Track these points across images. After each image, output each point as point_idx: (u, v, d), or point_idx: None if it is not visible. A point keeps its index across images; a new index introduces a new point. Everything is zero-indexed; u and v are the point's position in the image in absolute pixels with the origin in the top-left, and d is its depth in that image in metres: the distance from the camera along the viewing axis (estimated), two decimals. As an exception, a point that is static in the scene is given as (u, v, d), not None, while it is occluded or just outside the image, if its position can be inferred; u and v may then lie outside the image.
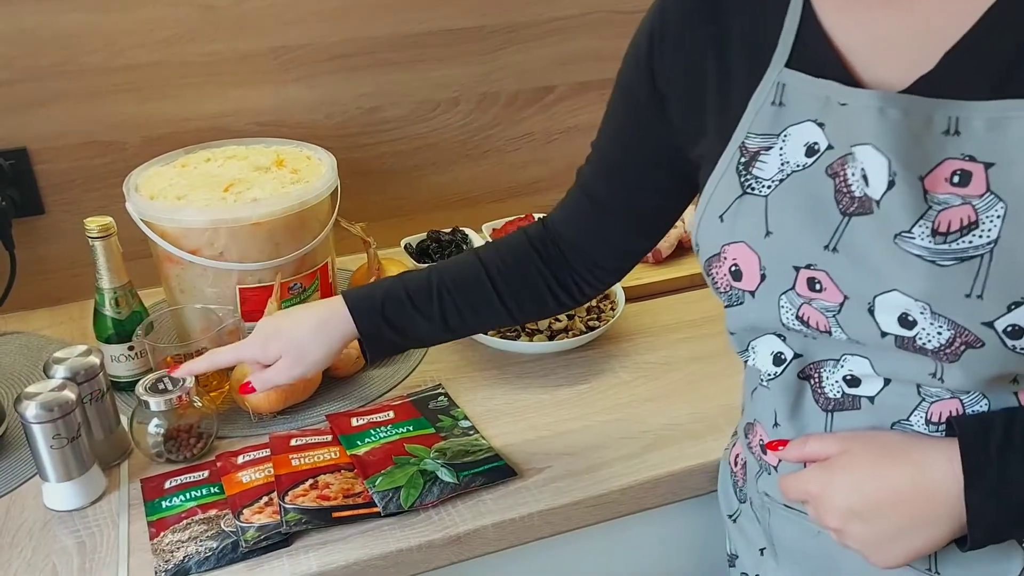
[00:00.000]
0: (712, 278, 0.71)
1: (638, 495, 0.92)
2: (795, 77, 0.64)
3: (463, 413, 1.01)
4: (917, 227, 0.58)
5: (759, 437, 0.76)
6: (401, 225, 1.41)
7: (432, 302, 0.85)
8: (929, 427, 0.64)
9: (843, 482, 0.64)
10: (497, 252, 0.87)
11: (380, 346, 0.87)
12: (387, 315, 0.85)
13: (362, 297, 0.86)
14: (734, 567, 0.88)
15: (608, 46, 1.42)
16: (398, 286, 0.86)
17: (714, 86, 0.69)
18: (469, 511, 0.87)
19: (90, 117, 1.20)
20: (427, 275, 0.87)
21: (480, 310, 0.86)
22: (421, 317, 0.85)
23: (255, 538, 0.82)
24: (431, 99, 1.36)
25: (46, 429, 0.84)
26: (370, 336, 0.86)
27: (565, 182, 1.48)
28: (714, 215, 0.69)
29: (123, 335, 1.03)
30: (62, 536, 0.86)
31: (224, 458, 0.94)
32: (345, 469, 0.92)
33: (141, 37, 1.18)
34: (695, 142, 0.72)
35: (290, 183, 1.08)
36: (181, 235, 1.02)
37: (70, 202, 1.23)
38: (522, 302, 0.87)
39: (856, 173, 0.60)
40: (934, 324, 0.58)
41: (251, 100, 1.27)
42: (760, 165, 0.65)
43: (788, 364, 0.69)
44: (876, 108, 0.58)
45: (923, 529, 0.62)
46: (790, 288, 0.65)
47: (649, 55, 0.73)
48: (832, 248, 0.62)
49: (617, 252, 0.86)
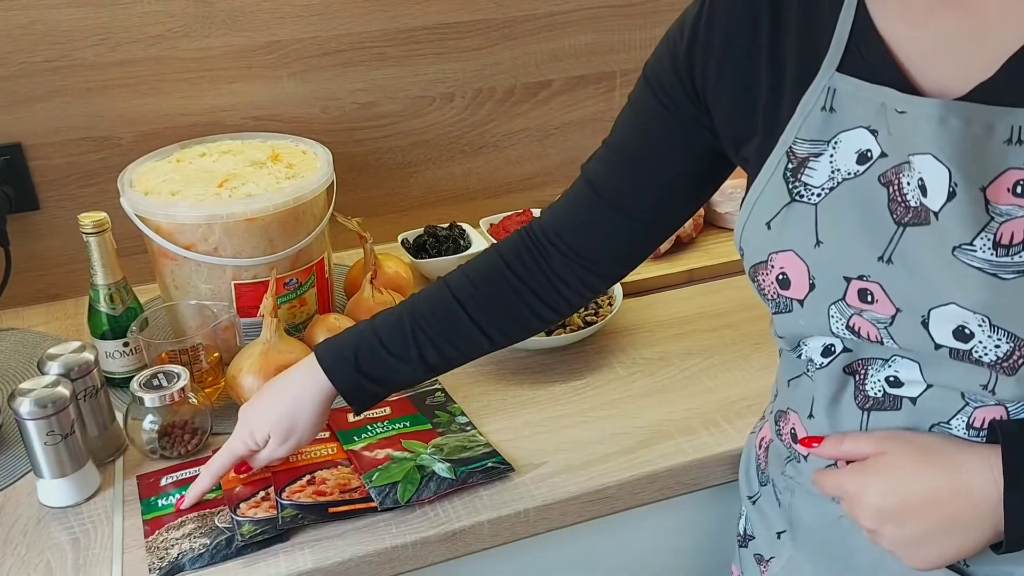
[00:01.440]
0: (759, 284, 0.70)
1: (634, 491, 0.92)
2: (847, 82, 0.62)
3: (460, 409, 1.01)
4: (979, 239, 0.56)
5: (791, 426, 0.76)
6: (398, 220, 1.41)
7: (407, 343, 0.81)
8: (970, 432, 0.63)
9: (879, 483, 0.64)
10: (466, 276, 0.82)
11: (363, 399, 0.84)
12: (362, 368, 0.81)
13: (334, 353, 0.82)
14: (746, 547, 0.88)
15: (604, 41, 1.42)
16: (368, 333, 0.82)
17: (764, 88, 0.67)
18: (464, 507, 0.87)
19: (85, 112, 1.20)
20: (398, 314, 0.83)
21: (458, 343, 0.82)
22: (398, 361, 0.81)
23: (251, 532, 0.82)
24: (426, 94, 1.36)
25: (40, 425, 0.84)
26: (350, 393, 0.82)
27: (562, 177, 1.50)
28: (760, 221, 0.67)
29: (118, 331, 1.03)
30: (56, 532, 0.85)
31: None
32: (342, 464, 0.92)
33: (136, 32, 1.18)
34: (742, 143, 0.70)
35: (285, 178, 1.08)
36: (176, 231, 1.02)
37: (65, 198, 1.23)
38: (501, 325, 0.82)
39: (912, 182, 0.59)
40: (992, 337, 0.57)
41: (246, 95, 1.26)
42: (809, 172, 0.64)
43: (836, 356, 0.68)
44: (937, 117, 0.57)
45: (958, 533, 0.61)
46: (840, 299, 0.64)
47: (690, 51, 0.70)
48: (887, 259, 0.61)
49: (618, 252, 0.81)
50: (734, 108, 0.69)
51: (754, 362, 1.09)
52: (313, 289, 1.12)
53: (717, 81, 0.70)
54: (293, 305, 1.10)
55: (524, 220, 1.37)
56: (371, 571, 0.83)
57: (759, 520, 0.86)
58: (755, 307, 1.21)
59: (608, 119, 1.47)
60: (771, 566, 0.83)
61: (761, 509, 0.85)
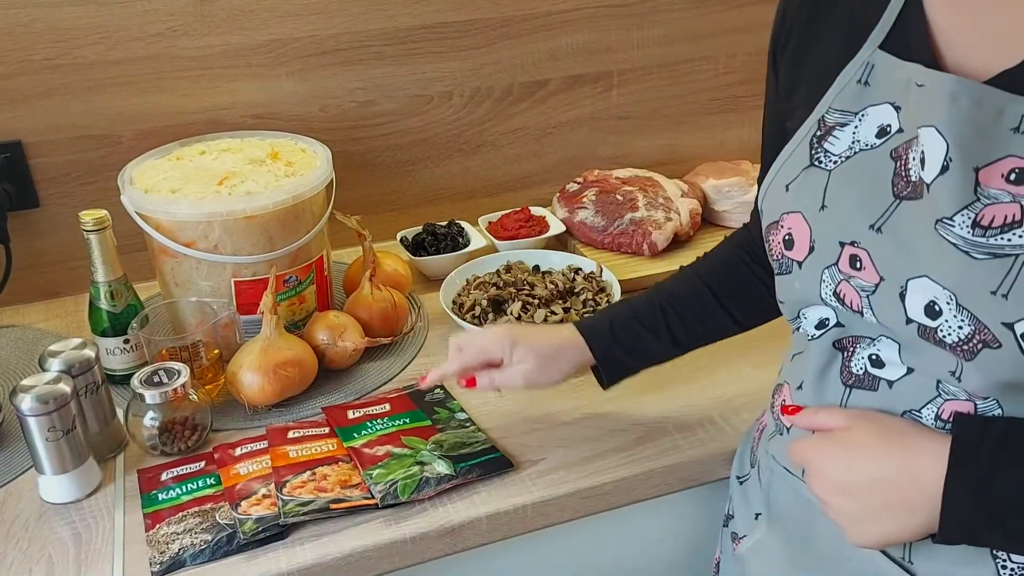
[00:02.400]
0: (769, 244, 0.73)
1: (631, 487, 0.93)
2: (885, 59, 0.64)
3: (459, 405, 1.02)
4: (959, 215, 0.58)
5: (783, 397, 0.78)
6: (396, 218, 1.42)
7: (657, 318, 0.90)
8: (937, 423, 0.64)
9: (838, 455, 0.66)
10: (708, 261, 0.93)
11: (612, 368, 0.92)
12: (617, 336, 0.90)
13: (592, 325, 0.92)
14: (727, 527, 0.90)
15: (601, 40, 1.43)
16: (624, 308, 0.93)
17: (815, 62, 0.71)
18: (463, 503, 0.88)
19: (85, 110, 1.20)
20: (649, 295, 0.92)
21: (704, 319, 0.90)
22: (649, 334, 0.90)
23: (253, 530, 0.83)
24: (424, 93, 1.36)
25: (41, 422, 0.85)
26: (603, 359, 0.91)
27: (559, 176, 1.51)
28: (781, 183, 0.71)
29: (118, 328, 1.03)
30: (58, 528, 0.86)
31: (222, 450, 0.94)
32: (343, 461, 0.92)
33: (135, 31, 1.18)
34: (790, 115, 0.73)
35: (284, 176, 1.08)
36: (176, 228, 1.02)
37: (65, 195, 1.23)
38: (742, 304, 0.90)
39: (916, 156, 0.61)
40: (957, 317, 0.59)
41: (245, 93, 1.27)
42: (832, 140, 0.67)
43: (829, 330, 0.70)
44: (949, 92, 0.58)
45: (900, 515, 0.62)
46: (833, 263, 0.66)
47: (782, 15, 0.75)
48: (877, 228, 0.63)
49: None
50: (790, 77, 0.73)
51: (752, 359, 1.09)
52: (312, 286, 1.13)
53: (784, 48, 0.74)
54: (292, 302, 1.11)
55: (522, 218, 1.38)
56: (370, 566, 0.84)
57: (741, 501, 0.88)
58: (751, 305, 1.22)
59: (605, 117, 1.50)
60: (742, 544, 0.85)
61: (745, 490, 0.88)
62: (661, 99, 1.52)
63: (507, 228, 1.36)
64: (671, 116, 1.54)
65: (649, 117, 1.53)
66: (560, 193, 1.43)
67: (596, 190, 1.38)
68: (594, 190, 1.38)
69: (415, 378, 1.08)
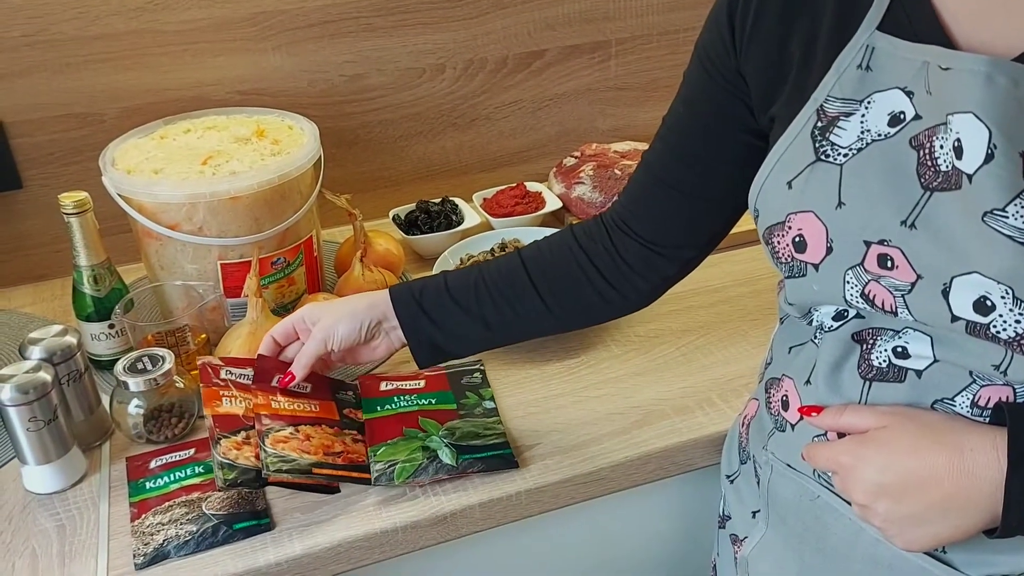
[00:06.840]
0: (772, 247, 0.68)
1: (628, 471, 0.91)
2: (887, 41, 0.60)
3: (491, 393, 0.99)
4: (1012, 205, 0.54)
5: (783, 392, 0.75)
6: (388, 196, 1.39)
7: (469, 293, 0.84)
8: (974, 410, 0.62)
9: (877, 457, 0.62)
10: (537, 247, 0.86)
11: (420, 340, 0.86)
12: (424, 305, 0.85)
13: (403, 287, 0.87)
14: (724, 528, 0.88)
15: (598, 8, 1.38)
16: (439, 278, 0.87)
17: (798, 43, 0.66)
18: (456, 490, 0.86)
19: (66, 88, 1.17)
20: (468, 270, 0.87)
21: (517, 305, 0.84)
22: (458, 309, 0.84)
23: (231, 480, 0.80)
24: (416, 66, 1.32)
25: (22, 412, 0.83)
26: (408, 326, 0.85)
27: (556, 150, 1.47)
28: (781, 180, 0.66)
29: (103, 313, 1.01)
30: (42, 519, 0.84)
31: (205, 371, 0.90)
32: (326, 424, 0.89)
33: (115, 5, 1.15)
34: (771, 101, 0.69)
35: (271, 155, 1.05)
36: (159, 210, 0.99)
37: (48, 176, 1.21)
38: (560, 297, 0.84)
39: (946, 145, 0.57)
40: (1013, 311, 0.55)
41: (231, 68, 1.23)
42: (838, 132, 0.62)
43: (848, 321, 0.66)
44: (984, 74, 0.54)
45: (954, 514, 0.59)
46: (858, 264, 0.62)
47: (731, 7, 0.69)
48: (910, 224, 0.59)
49: (678, 234, 0.81)
50: (767, 62, 0.68)
51: (751, 338, 1.07)
52: (302, 268, 1.10)
53: (752, 32, 0.68)
54: (281, 284, 1.08)
55: (518, 194, 1.35)
56: (361, 556, 0.82)
57: (735, 500, 0.85)
58: (751, 282, 1.19)
59: (603, 89, 1.46)
60: (744, 546, 0.82)
61: (738, 488, 0.84)
62: (661, 69, 1.47)
63: (502, 205, 1.33)
64: (671, 87, 1.47)
65: (648, 88, 1.49)
66: (557, 168, 1.40)
67: (594, 164, 1.35)
68: (592, 164, 1.35)
69: (407, 360, 1.05)
